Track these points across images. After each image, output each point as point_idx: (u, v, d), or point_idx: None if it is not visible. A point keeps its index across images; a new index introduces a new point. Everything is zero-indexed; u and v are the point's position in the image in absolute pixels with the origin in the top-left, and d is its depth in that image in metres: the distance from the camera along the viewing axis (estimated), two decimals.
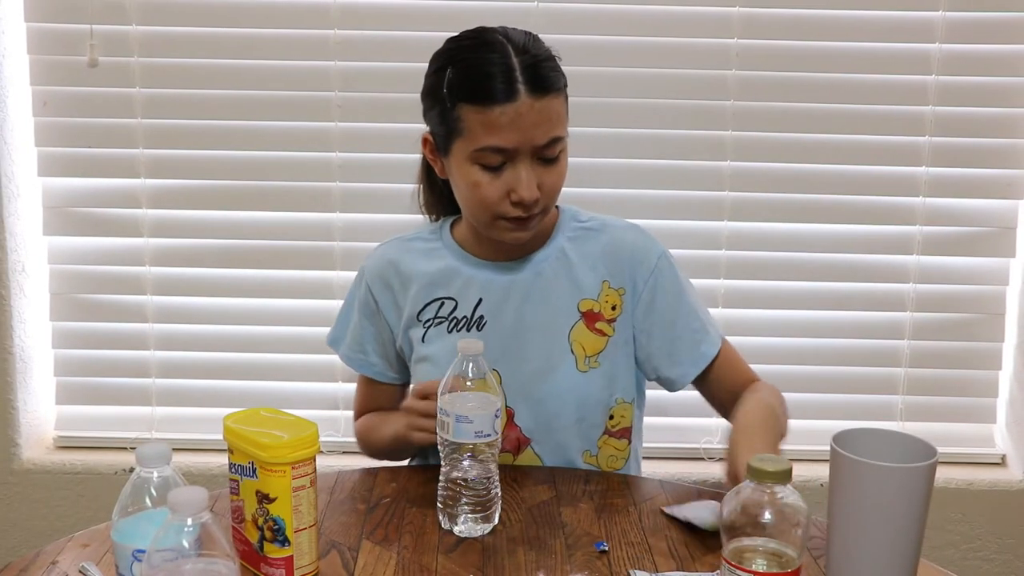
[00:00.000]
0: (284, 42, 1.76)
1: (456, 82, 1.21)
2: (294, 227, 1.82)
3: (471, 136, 1.20)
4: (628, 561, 1.05)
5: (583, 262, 1.33)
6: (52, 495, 1.88)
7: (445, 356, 1.29)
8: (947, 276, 1.84)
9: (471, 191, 1.23)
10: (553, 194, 1.25)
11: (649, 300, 1.32)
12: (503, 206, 1.22)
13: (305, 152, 1.79)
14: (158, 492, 0.90)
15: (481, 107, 1.18)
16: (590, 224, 1.36)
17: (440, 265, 1.34)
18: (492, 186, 1.21)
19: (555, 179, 1.24)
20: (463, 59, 1.23)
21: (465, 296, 1.32)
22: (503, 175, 1.21)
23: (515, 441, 1.32)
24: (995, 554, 1.89)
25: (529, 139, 1.18)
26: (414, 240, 1.39)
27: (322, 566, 1.02)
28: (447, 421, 1.07)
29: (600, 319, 1.32)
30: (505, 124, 1.17)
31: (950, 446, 1.88)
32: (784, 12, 1.74)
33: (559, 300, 1.32)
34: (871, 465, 0.87)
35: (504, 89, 1.17)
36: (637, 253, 1.33)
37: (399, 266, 1.36)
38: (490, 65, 1.19)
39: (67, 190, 1.82)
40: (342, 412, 1.88)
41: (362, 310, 1.39)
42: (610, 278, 1.33)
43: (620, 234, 1.35)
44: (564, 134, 1.23)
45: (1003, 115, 1.78)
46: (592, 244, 1.34)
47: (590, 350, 1.32)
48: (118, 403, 1.90)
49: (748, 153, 1.79)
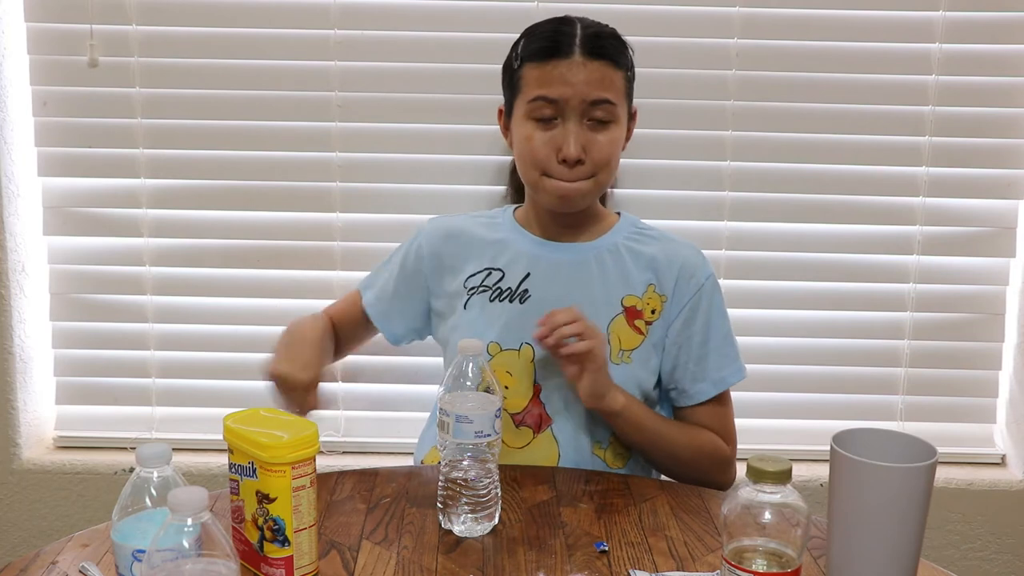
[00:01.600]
0: (284, 42, 1.76)
1: (523, 46, 1.34)
2: (294, 227, 1.82)
3: (527, 90, 1.31)
4: (628, 561, 1.05)
5: (635, 261, 1.38)
6: (52, 495, 1.88)
7: (481, 325, 1.36)
8: (947, 276, 1.84)
9: (523, 145, 1.32)
10: (602, 162, 1.32)
11: (689, 316, 1.37)
12: (550, 163, 1.31)
13: (305, 152, 1.79)
14: (158, 492, 0.90)
15: (538, 63, 1.30)
16: (650, 232, 1.44)
17: (496, 236, 1.42)
18: (541, 141, 1.30)
19: (603, 146, 1.31)
20: (534, 29, 1.35)
21: (513, 268, 1.38)
22: (553, 132, 1.30)
23: (537, 417, 1.34)
24: (995, 554, 1.89)
25: (578, 93, 1.28)
26: (477, 216, 1.48)
27: (322, 566, 1.02)
28: (447, 421, 1.07)
29: (640, 317, 1.37)
30: (556, 77, 1.28)
31: (950, 446, 1.88)
32: (784, 12, 1.74)
33: (604, 290, 1.37)
34: (871, 465, 0.87)
35: (560, 48, 1.29)
36: (687, 268, 1.38)
37: (459, 230, 1.44)
38: (554, 32, 1.31)
39: (67, 190, 1.82)
40: (342, 412, 1.88)
41: (404, 263, 1.46)
42: (657, 283, 1.38)
43: (676, 247, 1.41)
44: (617, 102, 1.31)
45: (1003, 115, 1.78)
46: (647, 248, 1.40)
47: (626, 344, 1.36)
48: (118, 403, 1.90)
49: (748, 153, 1.79)
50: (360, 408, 1.90)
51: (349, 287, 1.72)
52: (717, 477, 1.37)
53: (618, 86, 1.31)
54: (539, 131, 1.31)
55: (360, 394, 1.89)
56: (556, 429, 1.34)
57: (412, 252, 1.45)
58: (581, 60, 1.28)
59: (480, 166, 1.78)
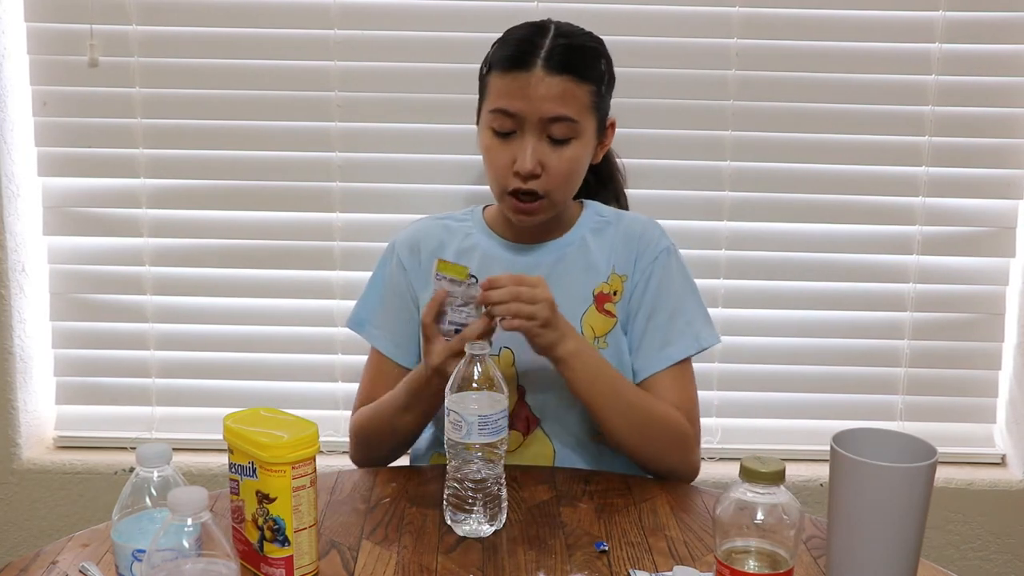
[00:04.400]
0: (284, 42, 1.76)
1: (493, 52, 1.31)
2: (294, 227, 1.82)
3: (489, 99, 1.29)
4: (628, 561, 1.05)
5: (599, 251, 1.37)
6: (52, 495, 1.88)
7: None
8: (947, 276, 1.84)
9: (484, 155, 1.31)
10: (559, 180, 1.29)
11: (643, 288, 1.36)
12: (509, 178, 1.28)
13: (305, 152, 1.79)
14: (158, 492, 0.90)
15: (501, 73, 1.27)
16: (608, 217, 1.41)
17: (466, 242, 1.39)
18: (499, 152, 1.28)
19: (561, 163, 1.28)
20: (508, 35, 1.33)
21: (487, 272, 1.34)
22: (511, 144, 1.27)
23: (524, 420, 1.34)
24: (995, 554, 1.89)
25: (535, 110, 1.25)
26: (445, 219, 1.44)
27: (322, 566, 1.02)
28: (454, 421, 1.06)
29: (609, 300, 1.36)
30: (515, 90, 1.25)
31: (950, 446, 1.88)
32: (784, 12, 1.74)
33: (575, 286, 1.35)
34: (871, 465, 0.87)
35: (522, 59, 1.25)
36: (643, 242, 1.37)
37: (428, 239, 1.40)
38: (522, 41, 1.28)
39: (67, 190, 1.82)
40: (342, 412, 1.88)
41: (389, 285, 1.41)
42: (617, 265, 1.37)
43: (632, 225, 1.40)
44: (578, 119, 1.27)
45: (1003, 115, 1.78)
46: (608, 234, 1.39)
47: (599, 331, 1.35)
48: (118, 403, 1.90)
49: (748, 153, 1.79)
50: None
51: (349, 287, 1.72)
52: (677, 456, 1.29)
53: (581, 101, 1.27)
54: (498, 142, 1.28)
55: None
56: (546, 427, 1.34)
57: (392, 271, 1.41)
58: (542, 74, 1.24)
59: (480, 166, 1.78)
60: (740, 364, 1.85)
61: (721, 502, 0.87)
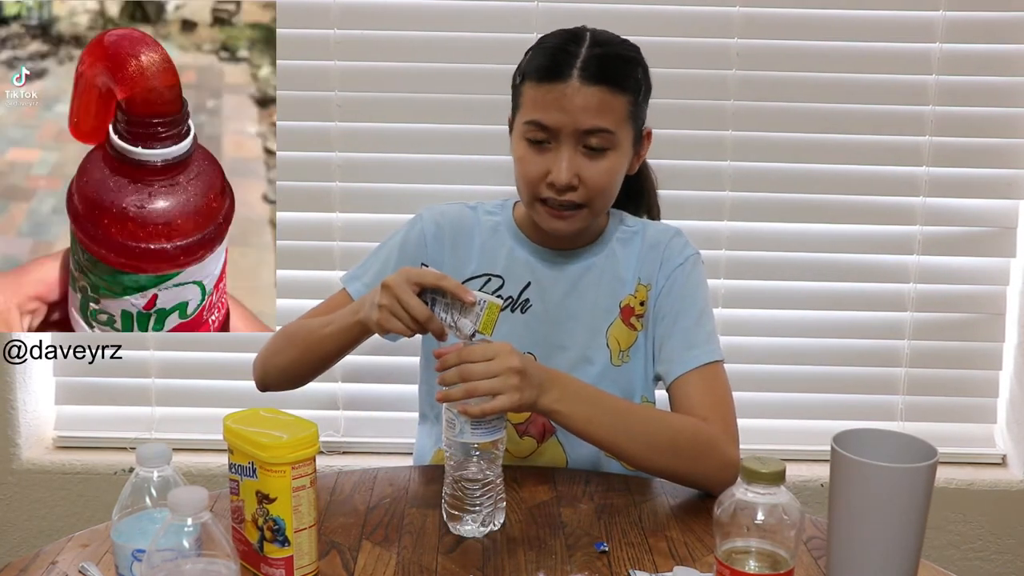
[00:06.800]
0: (285, 42, 1.75)
1: (527, 60, 1.28)
2: (294, 227, 1.82)
3: (524, 110, 1.26)
4: (628, 561, 1.05)
5: (626, 262, 1.35)
6: (52, 495, 1.88)
7: None
8: (947, 276, 1.84)
9: (517, 165, 1.28)
10: (596, 190, 1.26)
11: (666, 293, 1.33)
12: (541, 187, 1.25)
13: (305, 152, 1.79)
14: (158, 492, 0.90)
15: (536, 83, 1.24)
16: (635, 227, 1.39)
17: (496, 241, 1.36)
18: (533, 163, 1.25)
19: (597, 174, 1.25)
20: (542, 42, 1.29)
21: (513, 276, 1.34)
22: (546, 155, 1.24)
23: (540, 427, 1.33)
24: (995, 554, 1.89)
25: (572, 121, 1.22)
26: (478, 209, 1.40)
27: (322, 566, 1.02)
28: (454, 420, 1.06)
29: (633, 314, 1.35)
30: (551, 102, 1.22)
31: (950, 446, 1.88)
32: (784, 12, 1.74)
33: (602, 297, 1.34)
34: (871, 465, 0.87)
35: (559, 69, 1.22)
36: (668, 250, 1.35)
37: (458, 225, 1.37)
38: (556, 50, 1.25)
39: None
40: (342, 412, 1.88)
41: (403, 246, 1.36)
42: (642, 275, 1.35)
43: (657, 234, 1.37)
44: (615, 130, 1.24)
45: (1003, 115, 1.78)
46: (635, 245, 1.36)
47: (624, 344, 1.34)
48: (118, 403, 1.90)
49: (748, 153, 1.79)
50: (360, 408, 1.90)
51: None
52: (706, 463, 1.19)
53: (619, 112, 1.24)
54: (532, 152, 1.25)
55: (360, 394, 1.89)
56: (561, 437, 1.33)
57: (413, 237, 1.36)
58: (578, 85, 1.21)
59: (480, 166, 1.78)
60: (740, 364, 1.85)
61: (721, 502, 0.87)
